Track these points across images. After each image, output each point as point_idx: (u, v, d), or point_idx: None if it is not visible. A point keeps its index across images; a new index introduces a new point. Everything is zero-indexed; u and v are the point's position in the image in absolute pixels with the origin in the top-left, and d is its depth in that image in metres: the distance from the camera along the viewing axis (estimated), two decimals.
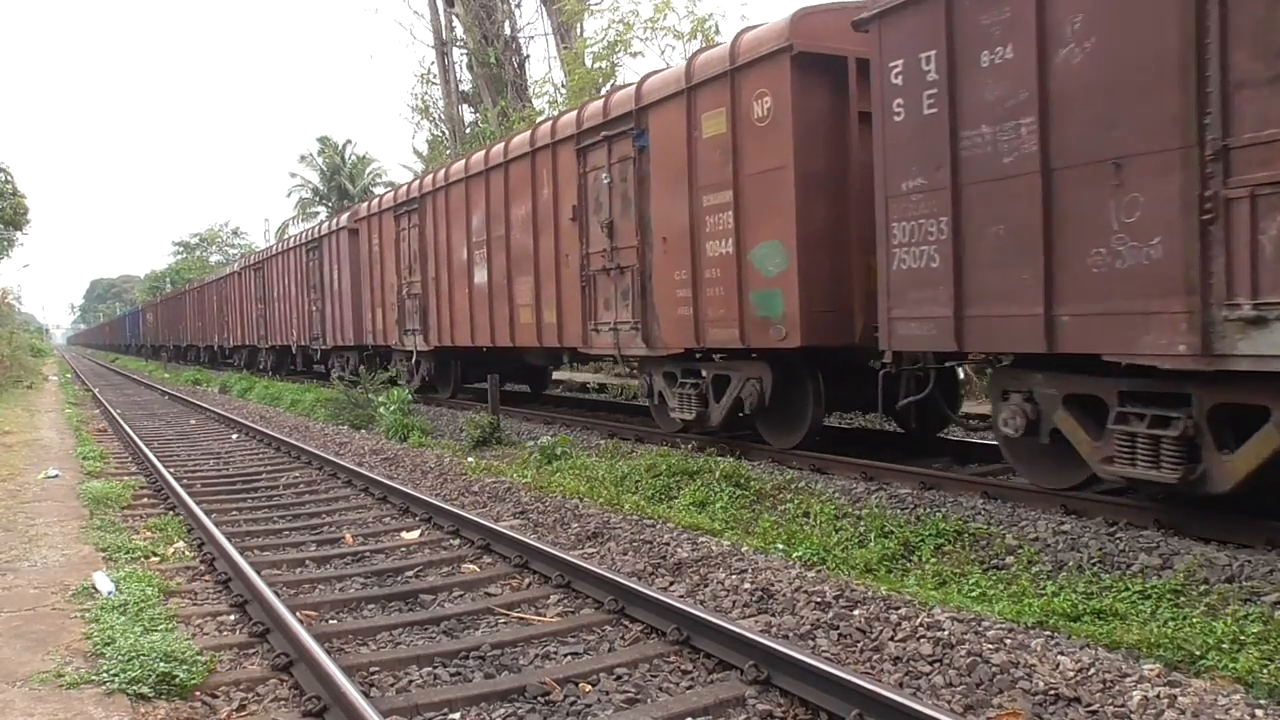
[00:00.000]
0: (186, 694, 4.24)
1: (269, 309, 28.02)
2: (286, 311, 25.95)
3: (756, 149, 8.89)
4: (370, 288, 18.99)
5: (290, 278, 25.50)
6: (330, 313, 21.71)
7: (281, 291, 26.43)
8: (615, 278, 10.98)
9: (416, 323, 16.79)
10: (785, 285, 8.62)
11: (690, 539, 6.50)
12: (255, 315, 29.79)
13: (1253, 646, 4.18)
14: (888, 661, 4.37)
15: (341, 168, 53.68)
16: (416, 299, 16.72)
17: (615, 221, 10.90)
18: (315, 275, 22.87)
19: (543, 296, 12.59)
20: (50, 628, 4.99)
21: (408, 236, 17.14)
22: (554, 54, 27.82)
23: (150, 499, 9.37)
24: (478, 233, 14.39)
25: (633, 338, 10.75)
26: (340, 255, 20.77)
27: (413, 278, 16.89)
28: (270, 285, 27.90)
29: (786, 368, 9.22)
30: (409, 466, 10.75)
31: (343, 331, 20.91)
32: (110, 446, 13.62)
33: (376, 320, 18.81)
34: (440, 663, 4.66)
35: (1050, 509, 6.67)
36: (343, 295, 20.65)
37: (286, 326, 26.02)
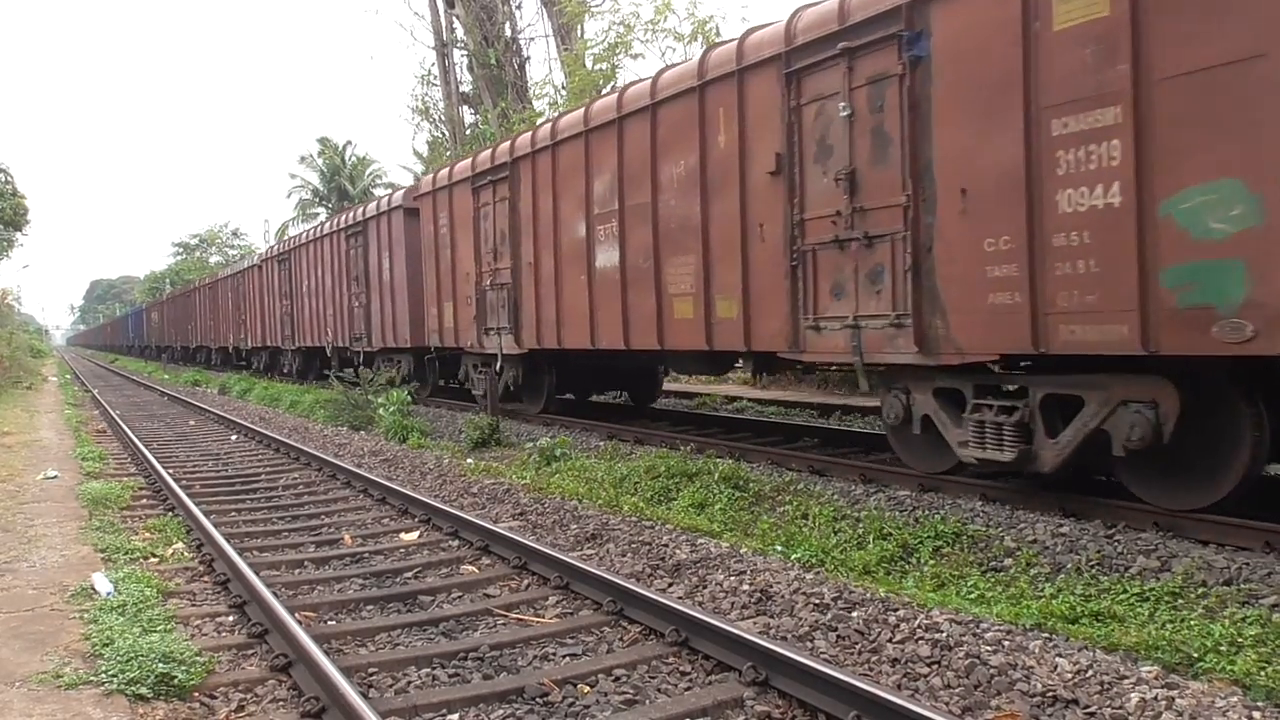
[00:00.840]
0: (185, 695, 4.25)
1: (296, 305, 24.69)
2: (319, 308, 22.62)
3: (1185, 32, 5.56)
4: (436, 278, 15.69)
5: (324, 269, 22.07)
6: (379, 309, 18.60)
7: (313, 285, 23.03)
8: (857, 253, 7.72)
9: (503, 319, 13.52)
10: (1251, 253, 5.31)
11: (689, 540, 6.50)
12: (279, 313, 26.38)
13: (1250, 649, 4.18)
14: (886, 663, 4.37)
15: (342, 169, 53.69)
16: (504, 290, 13.46)
17: (860, 171, 7.66)
18: (358, 265, 19.66)
19: (715, 283, 9.37)
20: (49, 628, 4.99)
21: (491, 213, 13.78)
22: (554, 56, 27.90)
23: (149, 500, 9.37)
24: (603, 202, 11.16)
25: (889, 338, 7.50)
26: (392, 240, 17.73)
27: (499, 264, 13.56)
28: (298, 278, 24.41)
29: (1201, 385, 6.03)
30: (408, 468, 10.75)
31: (395, 331, 17.83)
32: (109, 447, 13.63)
33: (444, 317, 15.48)
34: (439, 664, 4.66)
35: (1049, 511, 6.67)
36: (395, 288, 17.64)
37: (318, 325, 22.73)
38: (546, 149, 12.28)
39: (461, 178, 14.75)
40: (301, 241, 24.58)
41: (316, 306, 22.83)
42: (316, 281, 22.77)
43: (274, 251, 27.90)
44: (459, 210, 14.86)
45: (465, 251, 14.61)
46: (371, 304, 18.97)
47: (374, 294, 18.84)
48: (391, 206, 17.92)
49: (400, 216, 17.40)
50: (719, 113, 9.22)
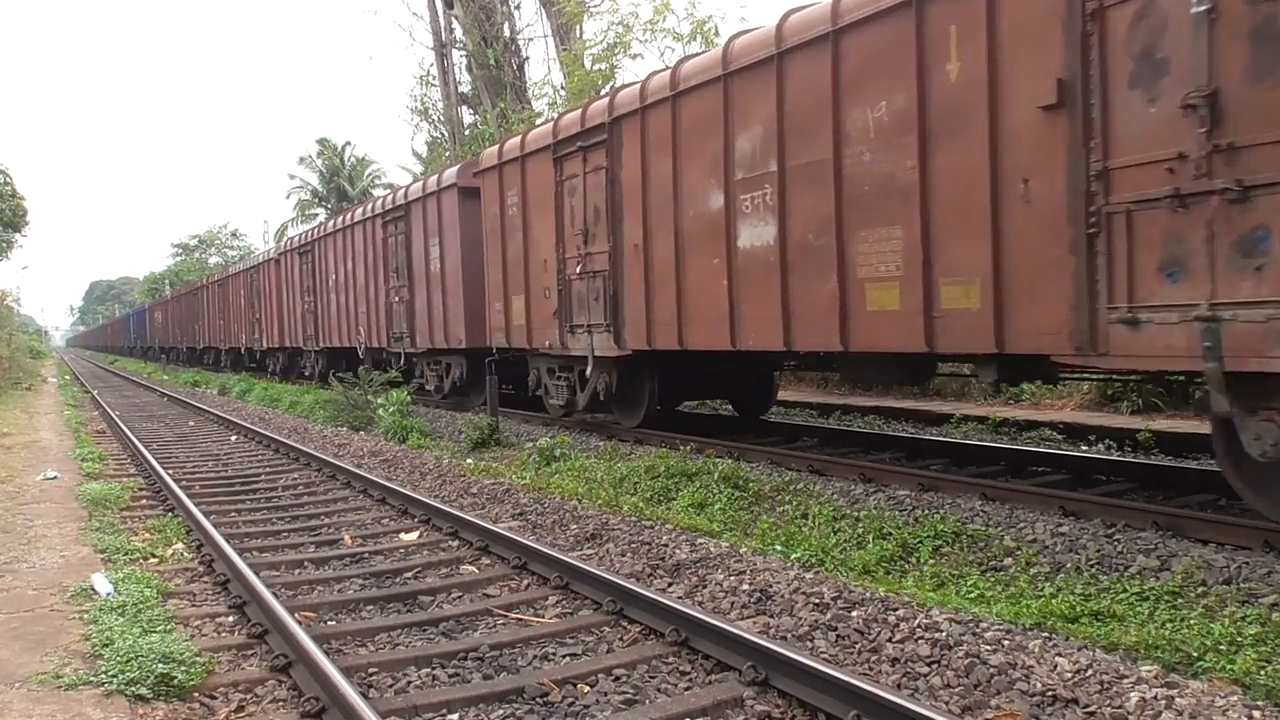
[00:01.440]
0: (185, 695, 4.25)
1: (321, 302, 22.32)
2: (348, 304, 20.23)
3: None
4: (502, 267, 13.27)
5: (356, 260, 19.69)
6: (425, 305, 16.23)
7: (342, 279, 20.65)
8: (1216, 212, 5.38)
9: (597, 315, 11.24)
10: None
11: (689, 540, 6.50)
12: (301, 310, 23.86)
13: (1250, 648, 4.18)
14: (886, 662, 4.37)
15: (341, 169, 53.64)
16: (598, 280, 11.18)
17: (1228, 93, 5.34)
18: (398, 255, 17.36)
19: (940, 262, 7.13)
20: (49, 629, 4.99)
21: (580, 187, 11.43)
22: (553, 56, 27.88)
23: (149, 500, 9.37)
24: (750, 163, 8.82)
25: (1276, 336, 5.19)
26: (443, 225, 15.39)
27: (591, 249, 11.26)
28: (323, 272, 22.01)
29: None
30: (408, 468, 10.75)
31: (447, 330, 15.48)
32: (109, 448, 13.63)
33: (512, 313, 13.16)
34: (439, 664, 4.66)
35: (1049, 511, 6.67)
36: (447, 280, 15.30)
37: (348, 324, 20.42)
38: (663, 102, 9.83)
39: (538, 146, 12.28)
40: (328, 230, 21.76)
41: (346, 303, 20.46)
42: (346, 275, 20.35)
43: (295, 242, 25.21)
44: (535, 185, 12.43)
45: (543, 234, 12.21)
46: (416, 299, 16.58)
47: (419, 288, 16.46)
48: (443, 186, 15.39)
49: (454, 197, 14.97)
50: (948, 32, 6.94)
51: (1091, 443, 10.10)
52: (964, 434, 11.20)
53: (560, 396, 12.49)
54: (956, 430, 11.53)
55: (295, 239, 25.89)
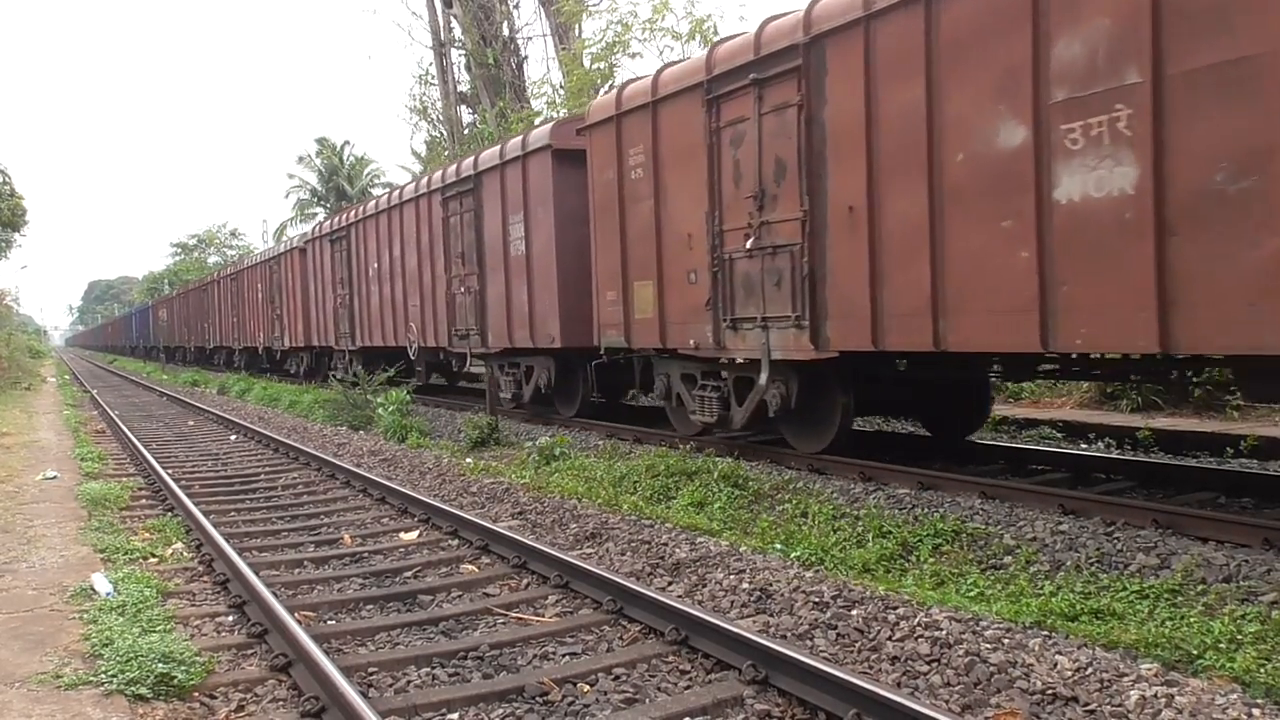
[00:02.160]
0: (185, 695, 4.25)
1: (359, 295, 19.70)
2: (395, 297, 17.67)
3: None
4: (619, 247, 10.58)
5: (405, 245, 17.01)
6: (502, 295, 13.39)
7: (386, 267, 17.96)
8: None
9: (782, 304, 8.46)
10: None
11: (688, 539, 6.50)
12: (333, 305, 21.23)
13: (1250, 646, 4.19)
14: (886, 661, 4.37)
15: (340, 168, 53.65)
16: (782, 257, 8.45)
17: None
18: (464, 236, 14.52)
19: None
20: (48, 629, 4.99)
21: (750, 136, 8.69)
22: (552, 55, 27.87)
23: (148, 500, 9.36)
24: (1082, 76, 6.08)
25: None
26: (529, 197, 12.62)
27: (770, 215, 8.53)
28: (362, 260, 19.38)
29: None
30: (407, 467, 10.75)
31: (533, 326, 12.60)
32: (108, 448, 13.62)
33: (633, 305, 10.51)
34: (439, 663, 4.66)
35: (1048, 509, 6.67)
36: (534, 266, 12.57)
37: (395, 320, 17.75)
38: (896, 7, 7.29)
39: (680, 87, 9.66)
40: (367, 212, 18.94)
41: (392, 295, 17.72)
42: (392, 262, 17.59)
43: (325, 228, 22.14)
44: (673, 138, 9.76)
45: (685, 202, 9.59)
46: (488, 290, 13.85)
47: (493, 276, 13.72)
48: (530, 149, 12.54)
49: (546, 163, 12.19)
50: None
51: (1091, 441, 10.11)
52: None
53: (706, 411, 9.73)
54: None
55: (325, 223, 22.82)
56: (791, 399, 8.75)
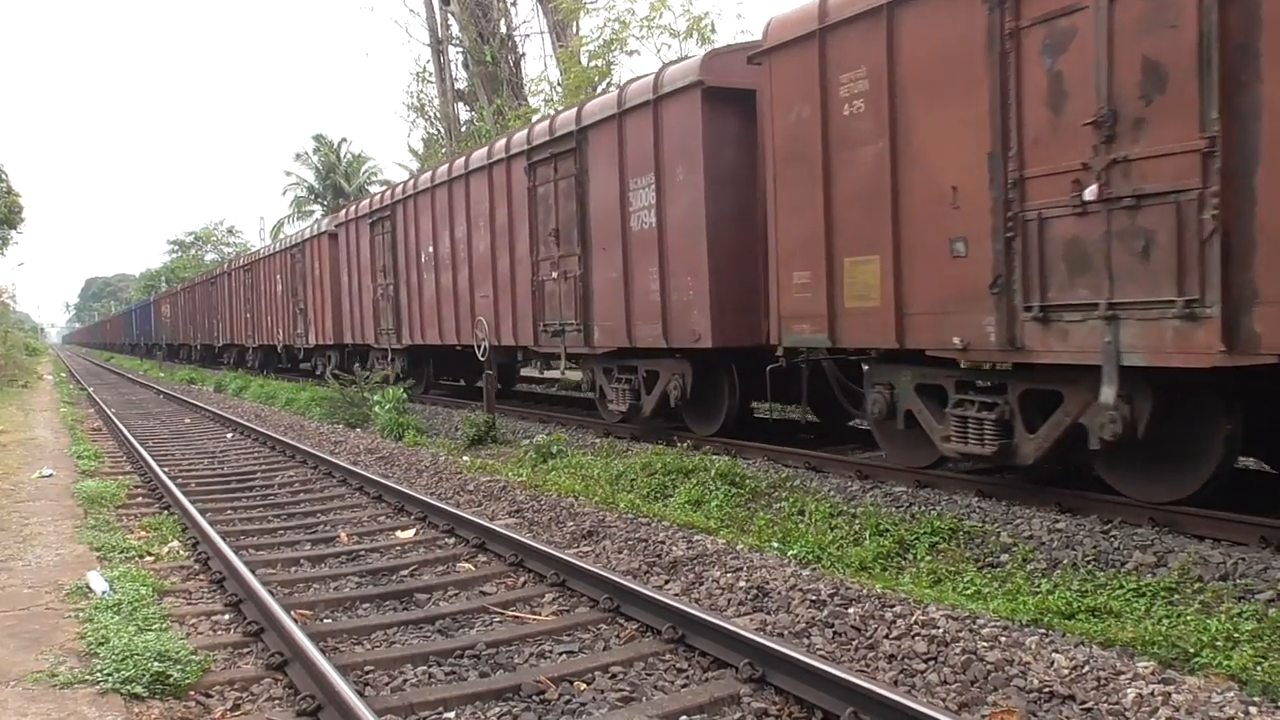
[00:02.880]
0: (180, 693, 4.24)
1: (405, 285, 17.02)
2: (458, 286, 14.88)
3: None
4: (822, 209, 7.97)
5: (473, 224, 14.22)
6: (618, 281, 10.75)
7: (445, 252, 15.31)
8: None
9: (1167, 283, 5.60)
10: None
11: (685, 537, 6.50)
12: (372, 298, 18.52)
13: (1246, 644, 4.19)
14: (882, 659, 4.37)
15: (337, 166, 53.61)
16: (1157, 210, 5.65)
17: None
18: (561, 208, 11.78)
19: None
20: (44, 627, 4.98)
21: (1092, 28, 5.93)
22: (549, 52, 27.90)
23: (145, 498, 9.35)
24: None
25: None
26: (662, 154, 9.92)
27: (1130, 148, 5.76)
28: (410, 244, 16.66)
29: None
30: (404, 465, 10.74)
31: (668, 319, 9.98)
32: (105, 445, 13.60)
33: (843, 288, 7.90)
34: (435, 662, 4.65)
35: (1045, 507, 6.67)
36: (669, 242, 9.94)
37: (455, 312, 15.09)
38: None
39: None
40: (420, 186, 16.32)
41: (453, 285, 15.09)
42: (454, 245, 15.02)
43: (363, 208, 19.48)
44: (919, 54, 7.15)
45: (944, 142, 7.00)
46: (596, 274, 11.22)
47: (602, 257, 11.06)
48: (667, 90, 9.77)
49: (694, 106, 9.39)
50: None
51: None
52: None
53: (977, 441, 7.02)
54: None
55: (363, 202, 20.21)
56: (1142, 421, 5.98)
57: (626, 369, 11.30)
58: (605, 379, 11.77)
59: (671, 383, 10.39)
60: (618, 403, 11.40)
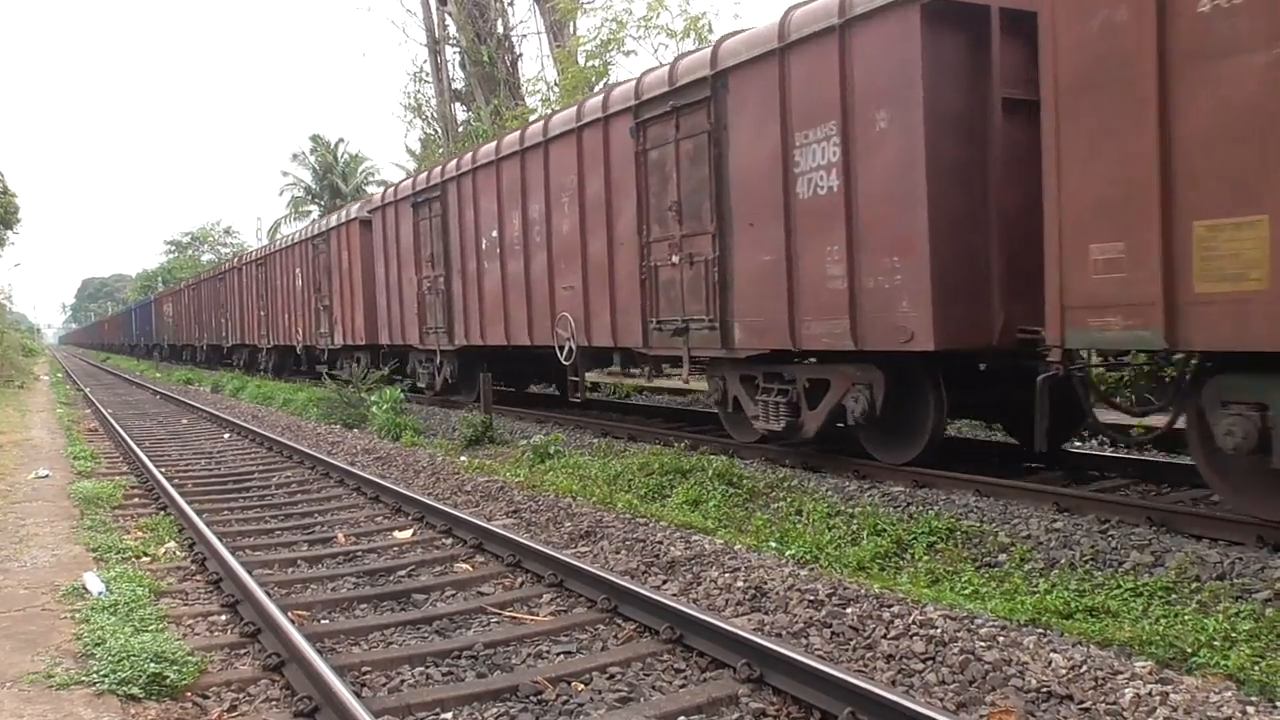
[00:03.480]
0: (177, 694, 4.23)
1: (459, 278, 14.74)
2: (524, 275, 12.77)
3: None
4: (1154, 146, 5.59)
5: (555, 200, 12.04)
6: (777, 263, 8.52)
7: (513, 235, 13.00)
8: None
9: None
10: None
11: (683, 537, 6.49)
12: (415, 292, 16.22)
13: (1244, 644, 4.19)
14: (880, 659, 4.37)
15: (334, 166, 53.58)
16: None
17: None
18: (680, 175, 9.65)
19: None
20: (40, 628, 4.97)
21: None
22: (547, 52, 27.86)
23: (141, 499, 9.33)
24: None
25: None
26: (852, 92, 7.76)
27: None
28: (465, 227, 14.43)
29: None
30: (401, 466, 10.73)
31: (856, 314, 7.82)
32: (101, 446, 13.58)
33: (1199, 256, 5.44)
34: (433, 662, 4.64)
35: (1042, 506, 6.68)
36: (859, 209, 7.76)
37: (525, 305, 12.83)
38: None
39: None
40: (481, 160, 13.91)
41: (525, 275, 12.76)
42: (526, 228, 12.69)
43: (401, 192, 17.07)
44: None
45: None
46: (737, 256, 8.98)
47: (748, 236, 8.82)
48: (860, 10, 7.62)
49: (909, 30, 7.29)
50: None
51: (1085, 438, 10.10)
52: (957, 430, 11.19)
53: None
54: (950, 426, 11.49)
55: (404, 183, 17.85)
56: None
57: (774, 376, 8.97)
58: (744, 389, 9.31)
59: (852, 395, 8.01)
60: (766, 419, 8.90)
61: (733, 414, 9.86)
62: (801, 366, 8.79)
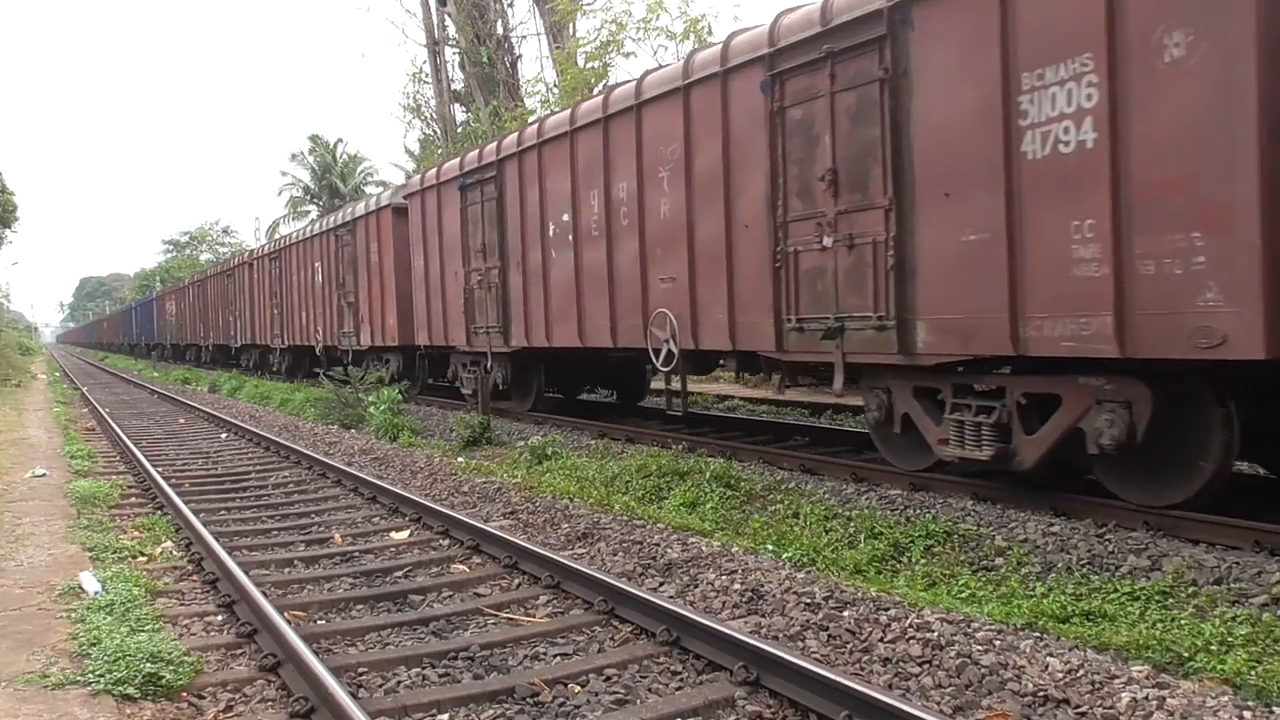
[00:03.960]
0: (173, 695, 4.22)
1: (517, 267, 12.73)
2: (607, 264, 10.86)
3: None
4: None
5: (640, 172, 10.22)
6: (996, 240, 6.50)
7: (591, 218, 11.13)
8: None
9: None
10: None
11: (680, 539, 6.49)
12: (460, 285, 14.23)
13: (1241, 648, 4.19)
14: (877, 663, 4.36)
15: (333, 166, 53.57)
16: None
17: None
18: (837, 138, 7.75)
19: None
20: (36, 628, 4.96)
21: None
22: (546, 54, 27.86)
23: (138, 498, 9.32)
24: None
25: None
26: (1149, 8, 5.58)
27: None
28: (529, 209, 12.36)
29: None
30: (399, 466, 10.72)
31: (1123, 307, 5.75)
32: (98, 445, 13.56)
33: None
34: (429, 663, 4.64)
35: (1040, 510, 6.68)
36: (1139, 175, 5.67)
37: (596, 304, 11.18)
38: None
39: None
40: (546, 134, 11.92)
41: (608, 264, 10.83)
42: (611, 208, 10.73)
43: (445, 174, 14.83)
44: None
45: None
46: (918, 237, 7.17)
47: (941, 209, 6.98)
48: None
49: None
50: None
51: None
52: None
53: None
54: None
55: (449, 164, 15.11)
56: None
57: (965, 390, 7.21)
58: (921, 406, 7.55)
59: (1100, 417, 6.23)
60: (961, 444, 7.12)
61: (899, 436, 7.91)
62: (1014, 378, 6.90)
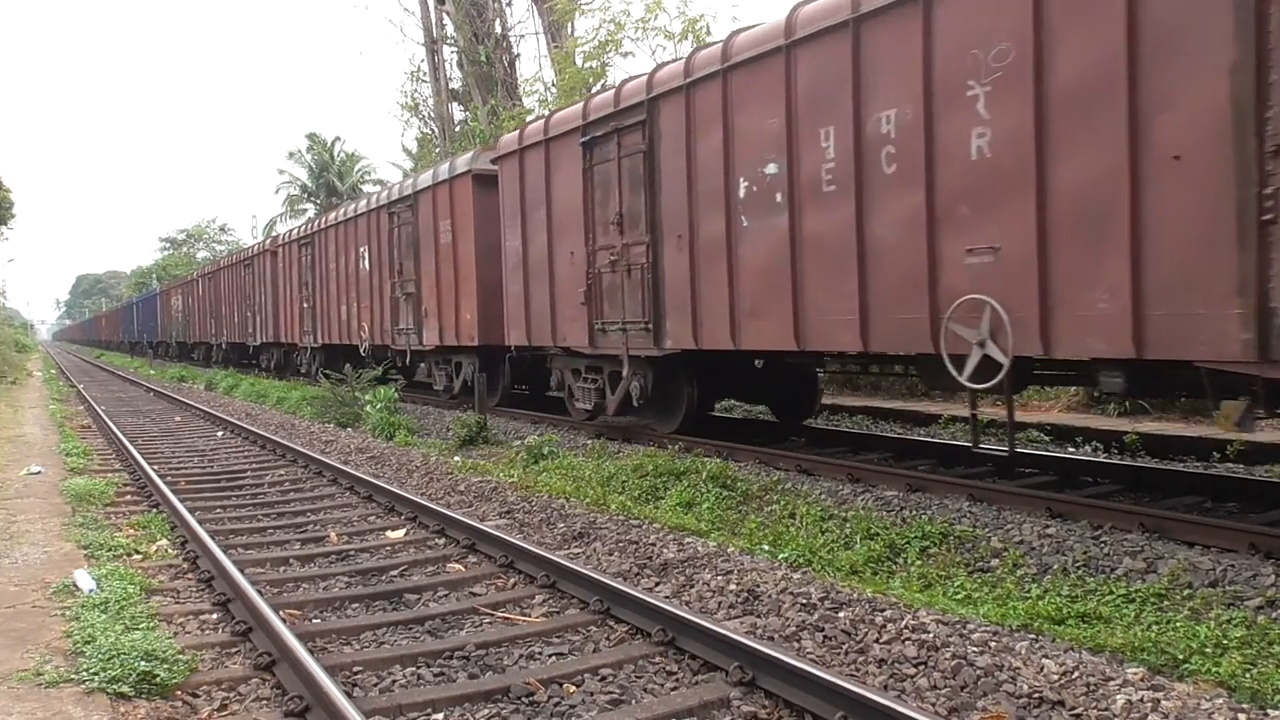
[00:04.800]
0: (167, 693, 4.21)
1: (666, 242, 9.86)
2: (873, 230, 7.51)
3: None
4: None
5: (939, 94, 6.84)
6: None
7: (831, 169, 7.81)
8: None
9: None
10: None
11: (676, 540, 6.49)
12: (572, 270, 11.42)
13: (1236, 650, 4.20)
14: (873, 664, 4.36)
15: (330, 165, 53.47)
16: None
17: None
18: None
19: None
20: (30, 625, 4.94)
21: None
22: (544, 53, 27.84)
23: (133, 496, 9.30)
24: None
25: None
26: None
27: None
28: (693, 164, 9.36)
29: None
30: (395, 465, 10.71)
31: None
32: (94, 443, 13.53)
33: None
34: (424, 663, 4.63)
35: (1036, 512, 6.68)
36: None
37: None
38: None
39: None
40: (734, 58, 8.82)
41: (858, 231, 7.63)
42: (860, 150, 7.59)
43: (556, 126, 11.81)
44: None
45: None
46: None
47: None
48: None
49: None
50: None
51: (1079, 445, 10.13)
52: (951, 435, 11.21)
53: None
54: (944, 431, 11.53)
55: (562, 113, 12.10)
56: None
57: None
58: None
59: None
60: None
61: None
62: None
